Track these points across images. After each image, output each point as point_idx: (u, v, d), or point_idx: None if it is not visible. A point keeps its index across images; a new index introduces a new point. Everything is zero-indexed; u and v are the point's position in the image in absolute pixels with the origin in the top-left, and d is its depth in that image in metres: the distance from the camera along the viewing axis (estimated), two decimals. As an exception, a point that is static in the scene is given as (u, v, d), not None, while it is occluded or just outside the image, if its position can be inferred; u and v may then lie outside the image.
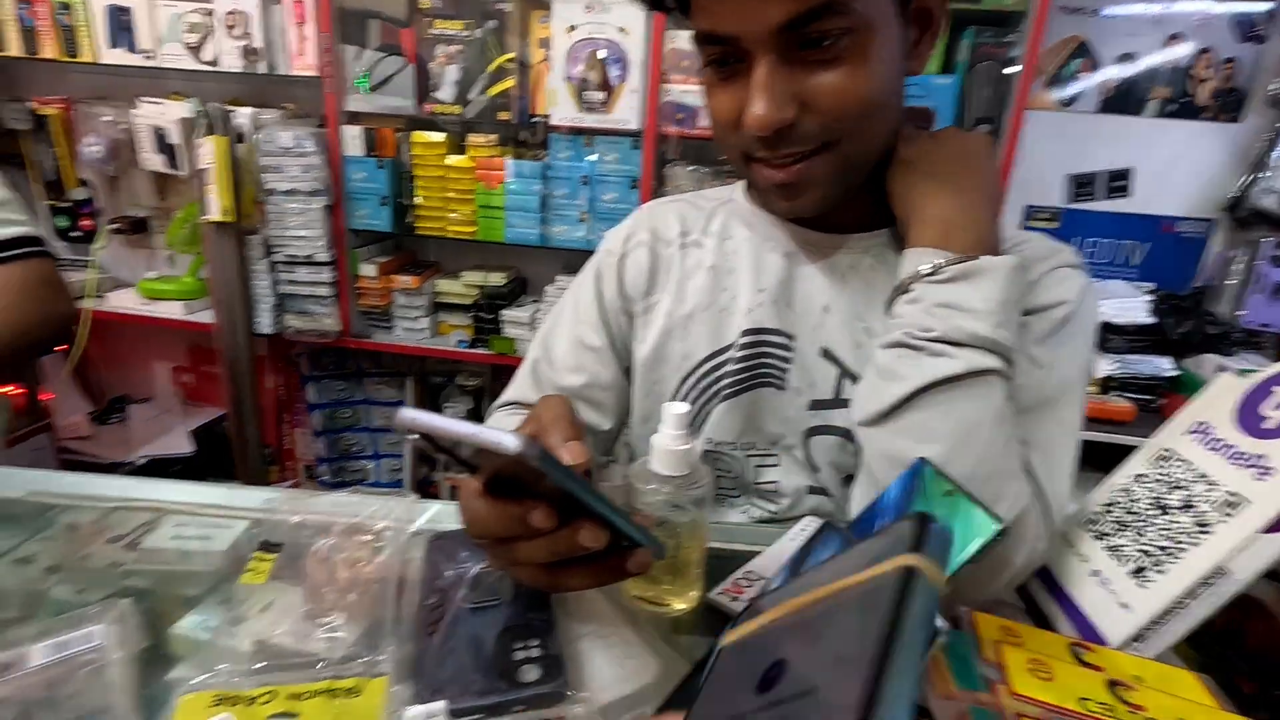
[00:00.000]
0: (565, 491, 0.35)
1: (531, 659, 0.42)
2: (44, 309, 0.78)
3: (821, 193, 0.57)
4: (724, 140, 0.59)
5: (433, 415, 0.32)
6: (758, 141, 0.55)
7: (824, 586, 0.26)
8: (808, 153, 0.55)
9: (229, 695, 0.40)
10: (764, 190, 0.60)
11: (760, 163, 0.57)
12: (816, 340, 0.64)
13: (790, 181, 0.56)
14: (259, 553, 0.52)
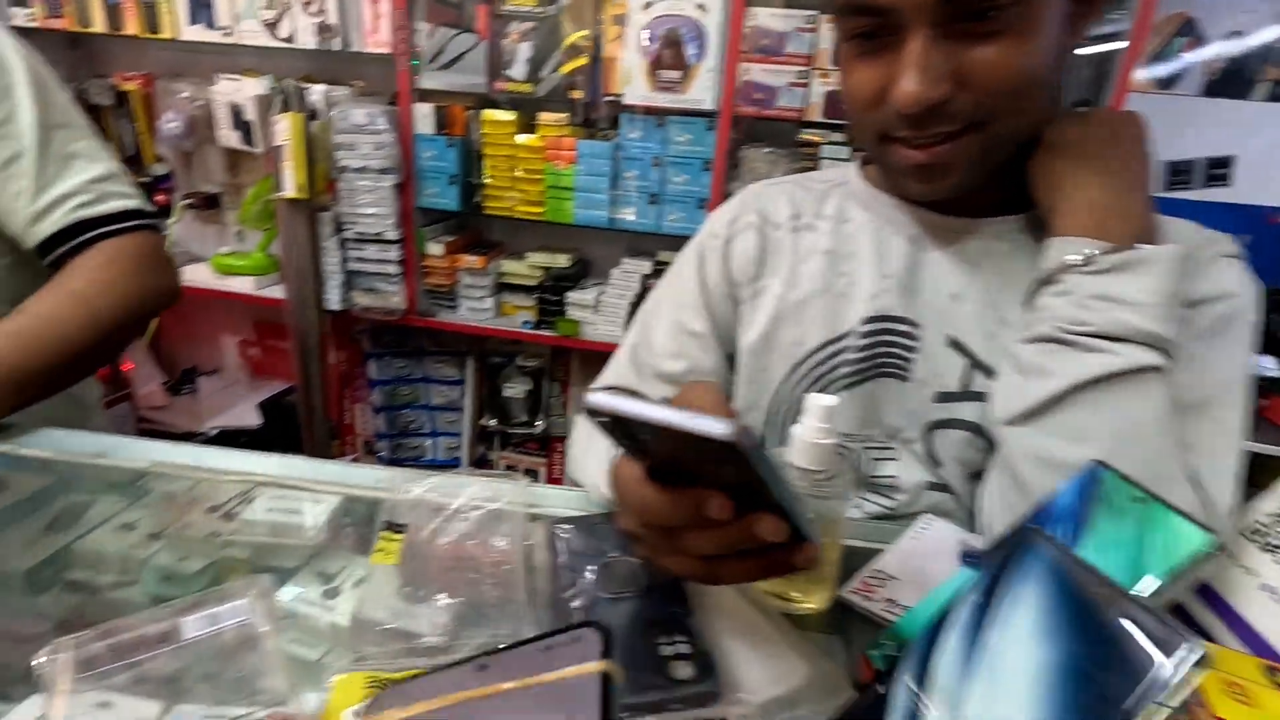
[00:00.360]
0: (741, 481, 0.33)
1: (681, 655, 0.41)
2: (153, 282, 0.79)
3: (963, 176, 0.54)
4: (860, 118, 0.56)
5: (626, 399, 0.31)
6: (902, 120, 0.52)
7: (512, 680, 0.28)
8: (954, 133, 0.52)
9: (383, 678, 0.39)
10: (898, 172, 0.57)
11: (899, 143, 0.54)
12: (943, 329, 0.61)
13: (932, 163, 0.53)
14: (386, 532, 0.51)
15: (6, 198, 0.73)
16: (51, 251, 0.75)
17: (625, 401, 0.30)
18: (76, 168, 0.76)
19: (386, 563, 0.49)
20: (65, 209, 0.74)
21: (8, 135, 0.72)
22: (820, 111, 1.50)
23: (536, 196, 1.69)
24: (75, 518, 0.58)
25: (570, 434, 0.76)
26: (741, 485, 0.34)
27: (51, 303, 0.70)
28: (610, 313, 1.78)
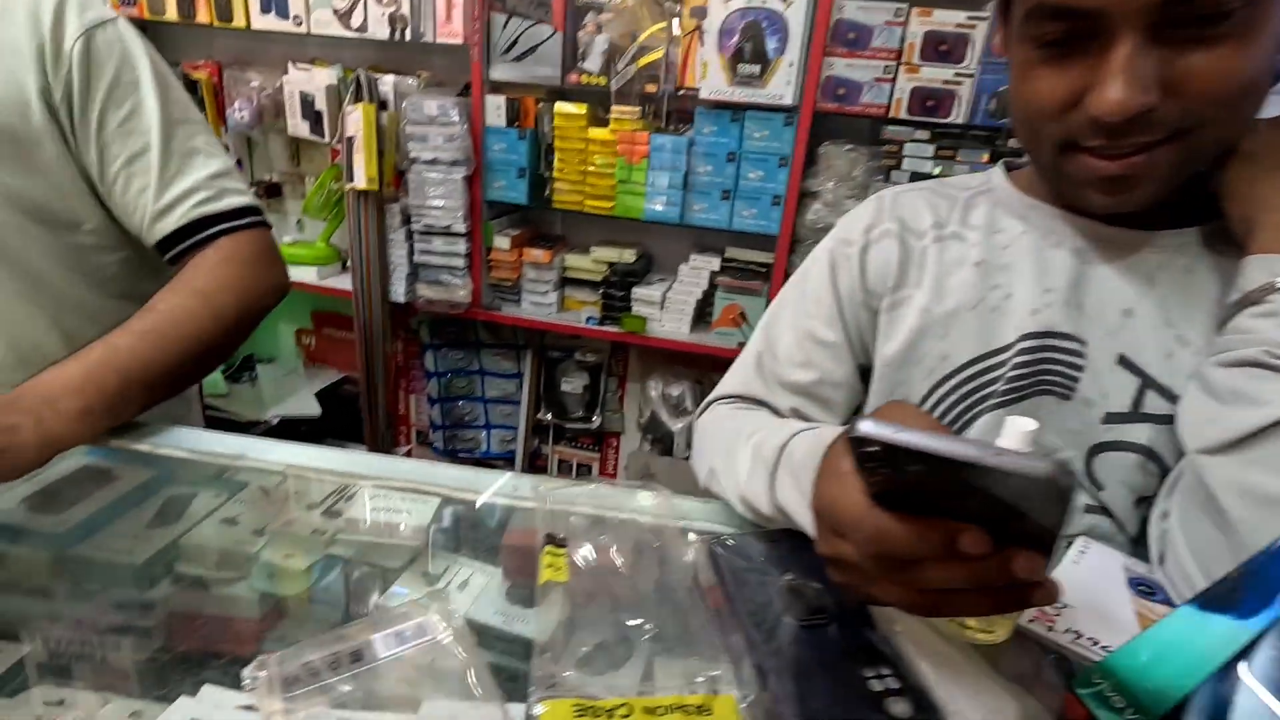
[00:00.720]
0: (997, 513, 0.31)
1: (893, 691, 0.39)
2: (269, 279, 0.78)
3: (1156, 188, 0.51)
4: (1039, 125, 0.53)
5: (904, 430, 0.29)
6: (1097, 129, 0.49)
7: None
8: (1153, 143, 0.49)
9: (589, 705, 0.38)
10: (1080, 183, 0.54)
11: (1088, 152, 0.51)
12: (1113, 347, 0.58)
13: (1124, 175, 0.50)
14: (550, 547, 0.50)
15: (131, 194, 0.73)
16: (172, 248, 0.74)
17: (900, 433, 0.28)
18: (197, 163, 0.75)
19: (557, 580, 0.48)
20: (187, 205, 0.74)
21: (134, 130, 0.72)
22: (905, 109, 1.46)
23: (606, 191, 1.67)
24: (178, 512, 0.58)
25: (695, 438, 0.74)
26: (995, 517, 0.32)
27: (178, 301, 0.70)
28: (676, 310, 1.76)
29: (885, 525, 0.35)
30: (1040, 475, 0.27)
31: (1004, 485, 0.29)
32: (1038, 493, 0.28)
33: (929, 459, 0.29)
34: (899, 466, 0.31)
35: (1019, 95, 0.54)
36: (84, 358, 0.62)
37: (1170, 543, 0.53)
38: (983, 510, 0.32)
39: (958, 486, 0.31)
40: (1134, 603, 0.51)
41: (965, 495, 0.31)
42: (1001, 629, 0.47)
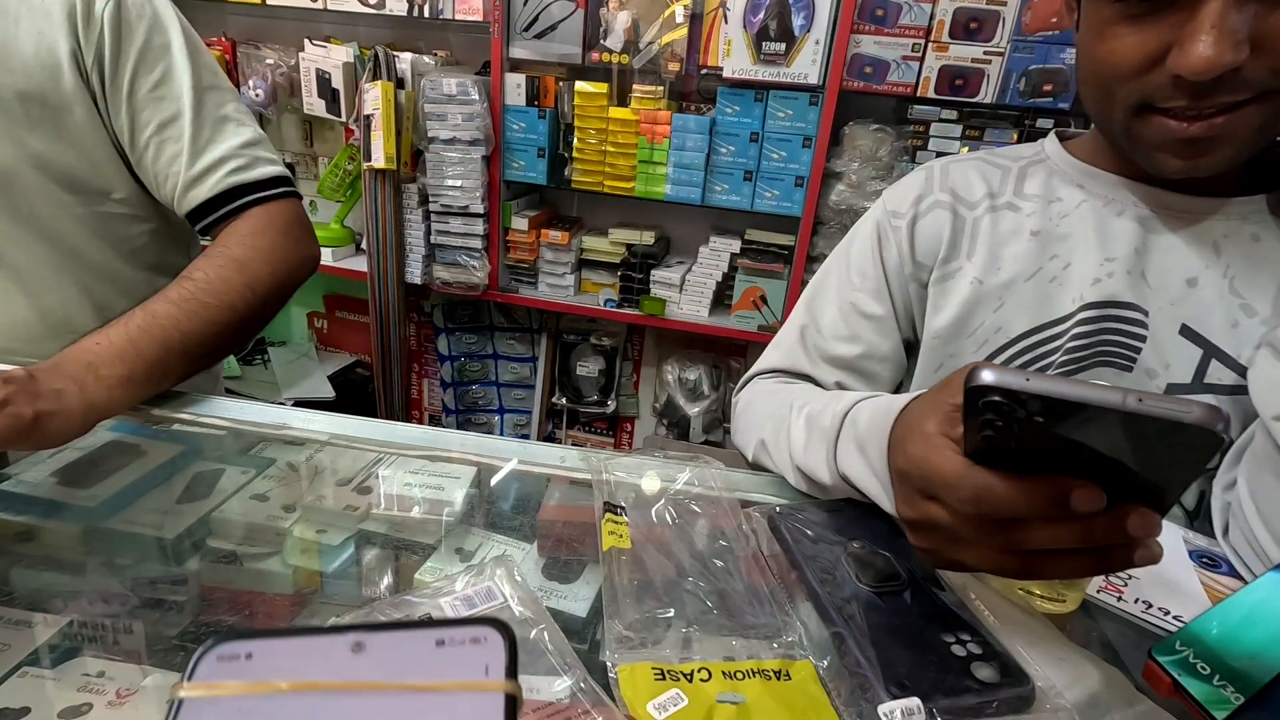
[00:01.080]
0: (1112, 468, 0.30)
1: (977, 655, 0.38)
2: (302, 250, 0.77)
3: (1234, 151, 0.50)
4: (1114, 86, 0.51)
5: (1032, 376, 0.28)
6: (1180, 88, 0.47)
7: (392, 675, 0.22)
8: (1238, 103, 0.47)
9: (668, 669, 0.37)
10: (1155, 146, 0.52)
11: (1165, 114, 0.50)
12: (1177, 316, 0.57)
13: (1205, 136, 0.49)
14: (610, 515, 0.49)
15: (163, 161, 0.72)
16: (204, 217, 0.73)
17: (1046, 382, 0.27)
18: (229, 131, 0.74)
19: (621, 546, 0.47)
20: (220, 174, 0.72)
21: (165, 96, 0.71)
22: (932, 88, 1.45)
23: (626, 171, 1.65)
24: (208, 487, 0.57)
25: (737, 412, 0.73)
26: (1105, 471, 0.31)
27: (215, 270, 0.68)
28: (696, 292, 1.75)
29: (989, 483, 0.34)
30: (1191, 420, 0.25)
31: (1144, 435, 0.27)
32: (1184, 441, 0.26)
33: (1060, 405, 0.27)
34: (1019, 418, 0.29)
35: (1092, 55, 0.52)
36: (125, 324, 0.61)
37: (1237, 513, 0.52)
38: (1093, 465, 0.31)
39: (1079, 441, 0.29)
40: (1199, 574, 0.50)
41: (1076, 449, 0.30)
42: (1071, 598, 0.46)
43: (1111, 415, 0.26)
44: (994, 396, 0.28)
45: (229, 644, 0.22)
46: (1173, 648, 0.40)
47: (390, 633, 0.23)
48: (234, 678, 0.22)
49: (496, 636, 0.22)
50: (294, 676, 0.22)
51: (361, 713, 0.21)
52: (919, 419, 0.40)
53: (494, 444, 0.61)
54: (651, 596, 0.43)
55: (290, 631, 0.23)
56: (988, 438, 0.32)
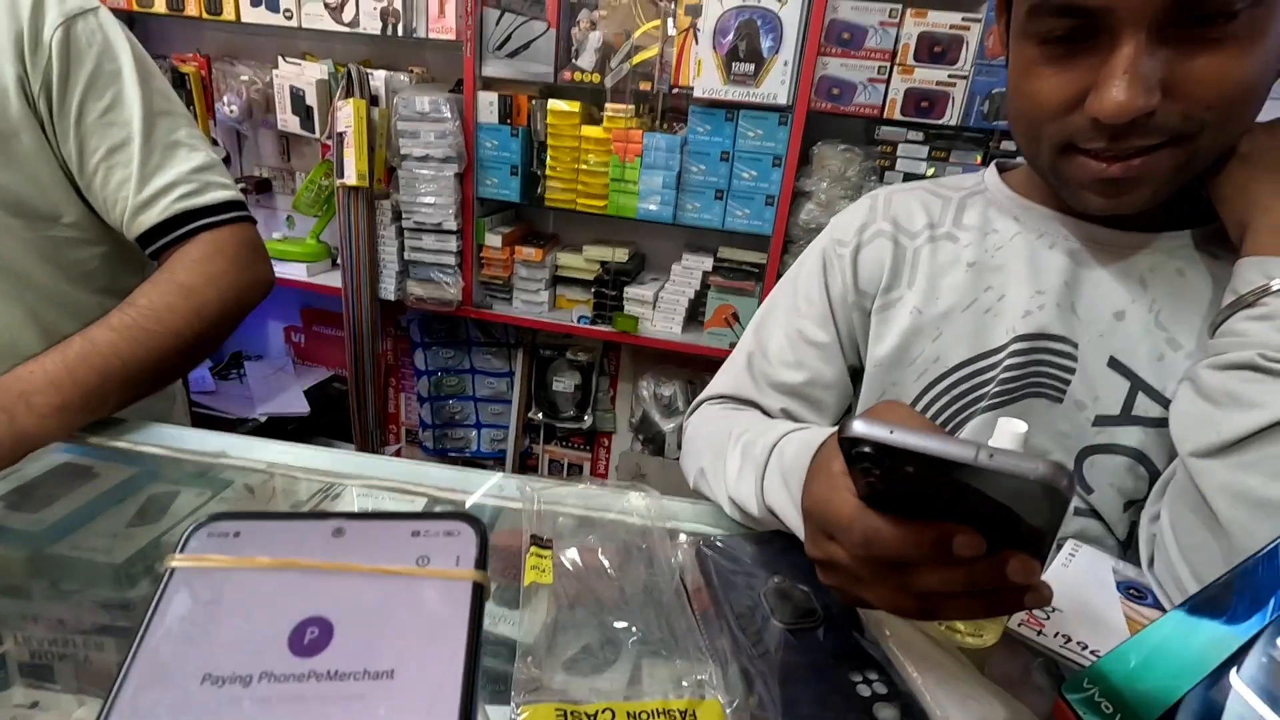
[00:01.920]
0: (988, 514, 0.31)
1: (880, 696, 0.39)
2: (252, 275, 0.77)
3: (1153, 190, 0.51)
4: (1039, 126, 0.52)
5: (897, 429, 0.28)
6: (1098, 131, 0.48)
7: (369, 559, 0.24)
8: (1153, 146, 0.48)
9: (571, 709, 0.37)
10: (1077, 184, 0.53)
11: (1087, 154, 0.51)
12: (1105, 349, 0.58)
13: (1123, 177, 0.50)
14: (535, 549, 0.49)
15: (111, 187, 0.72)
16: (153, 242, 0.73)
17: (909, 435, 0.28)
18: (180, 156, 0.74)
19: (542, 582, 0.47)
20: (169, 199, 0.72)
21: (114, 122, 0.71)
22: (899, 109, 1.46)
23: (599, 189, 1.66)
24: (160, 510, 0.57)
25: (685, 438, 0.73)
26: (989, 519, 0.31)
27: (159, 296, 0.68)
28: (669, 310, 1.75)
29: (876, 527, 0.34)
30: (1035, 477, 0.26)
31: (998, 487, 0.28)
32: (1032, 495, 0.27)
33: (922, 459, 0.28)
34: (891, 467, 0.30)
35: (1018, 94, 0.53)
36: (61, 352, 0.61)
37: (1160, 545, 0.52)
38: (976, 512, 0.31)
39: (951, 488, 0.30)
40: (1123, 606, 0.50)
41: (958, 497, 0.31)
42: (990, 633, 0.46)
43: (968, 468, 0.27)
44: (864, 448, 0.29)
45: (219, 523, 0.24)
46: (1080, 685, 0.41)
47: (370, 521, 0.24)
48: (222, 552, 0.24)
49: (469, 530, 0.24)
50: (277, 554, 0.23)
51: (338, 590, 0.22)
52: (826, 458, 0.40)
53: (430, 472, 0.61)
54: (566, 634, 0.43)
55: (277, 515, 0.25)
56: (871, 483, 0.33)
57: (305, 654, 0.21)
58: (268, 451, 0.62)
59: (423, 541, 0.24)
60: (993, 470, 0.26)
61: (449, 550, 0.24)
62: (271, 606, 0.22)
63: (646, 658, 0.42)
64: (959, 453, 0.27)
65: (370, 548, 0.24)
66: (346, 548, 0.24)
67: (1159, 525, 0.53)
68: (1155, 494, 0.55)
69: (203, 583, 0.23)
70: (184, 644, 0.22)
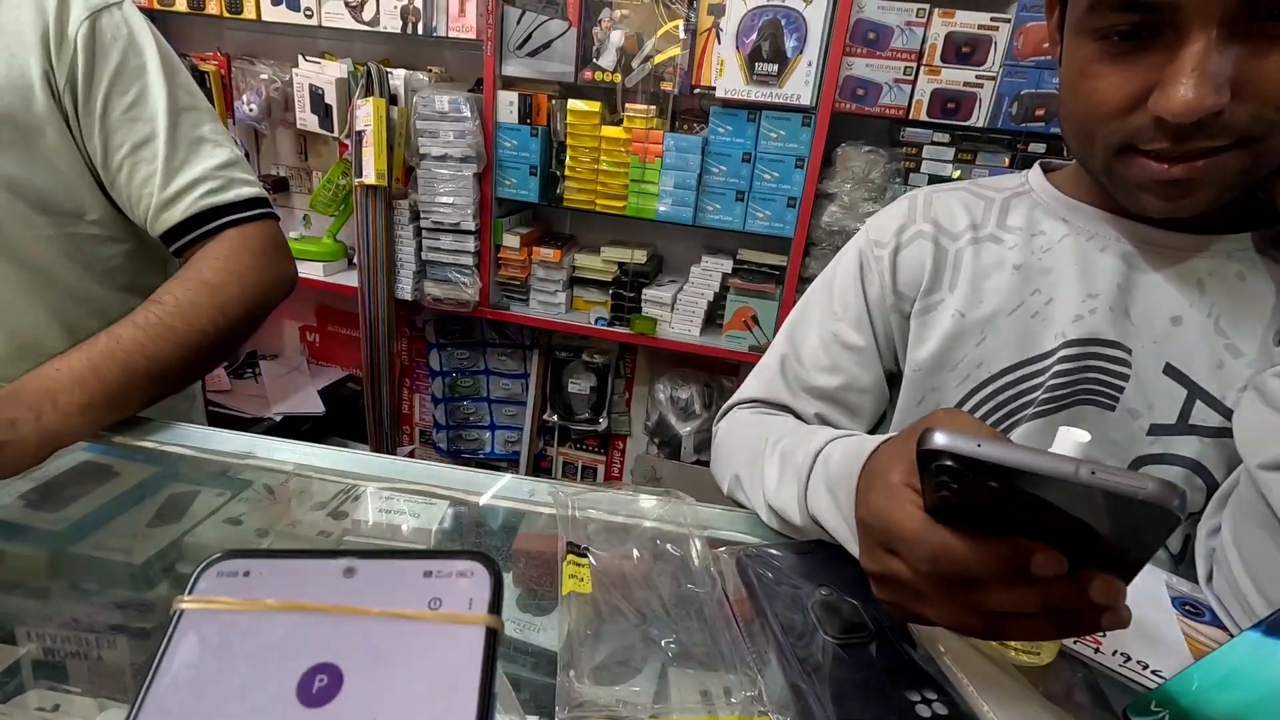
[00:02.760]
0: (1072, 531, 0.29)
1: (942, 716, 0.37)
2: (276, 272, 0.76)
3: (1216, 193, 0.49)
4: (1096, 126, 0.50)
5: (984, 442, 0.27)
6: (1161, 131, 0.46)
7: (381, 602, 0.23)
8: (1219, 147, 0.46)
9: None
10: (1136, 186, 0.51)
11: (1147, 155, 0.49)
12: (1160, 356, 0.56)
13: (1187, 178, 0.48)
14: (572, 556, 0.48)
15: (136, 183, 0.71)
16: (177, 239, 0.72)
17: (998, 448, 0.26)
18: (204, 153, 0.73)
19: (581, 591, 0.45)
20: (194, 196, 0.71)
21: (139, 117, 0.70)
22: (925, 111, 1.44)
23: (618, 190, 1.65)
24: (180, 510, 0.56)
25: (716, 443, 0.71)
26: (1070, 535, 0.30)
27: (184, 294, 0.67)
28: (687, 312, 1.74)
29: (948, 543, 0.32)
30: (1144, 496, 0.24)
31: (1092, 504, 0.26)
32: (1133, 514, 0.25)
33: (1011, 474, 0.26)
34: (973, 482, 0.28)
35: (1075, 94, 0.51)
36: (87, 350, 0.60)
37: (1221, 560, 0.50)
38: (1053, 527, 0.29)
39: (1032, 503, 0.28)
40: (1180, 624, 0.48)
41: (1037, 512, 0.29)
42: (1047, 651, 0.44)
43: (1064, 484, 0.25)
44: (945, 460, 0.27)
45: (229, 561, 0.24)
46: (1147, 708, 0.39)
47: (381, 560, 0.24)
48: (231, 594, 0.23)
49: (483, 571, 0.23)
50: (287, 596, 0.23)
51: (348, 634, 0.22)
52: (884, 467, 0.39)
53: (461, 476, 0.60)
54: (609, 646, 0.41)
55: (288, 553, 0.24)
56: (945, 497, 0.31)
57: (314, 704, 0.21)
58: (292, 452, 0.61)
59: (435, 583, 0.23)
60: (1099, 489, 0.25)
61: (462, 592, 0.23)
62: (280, 652, 0.22)
63: (692, 671, 0.40)
64: (1059, 469, 0.25)
65: (381, 589, 0.23)
66: (357, 589, 0.23)
67: (1219, 539, 0.51)
68: (1214, 507, 0.53)
69: (211, 626, 0.22)
70: (191, 693, 0.21)
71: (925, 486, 0.32)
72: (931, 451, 0.27)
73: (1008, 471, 0.26)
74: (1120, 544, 0.28)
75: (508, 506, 0.57)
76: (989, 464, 0.26)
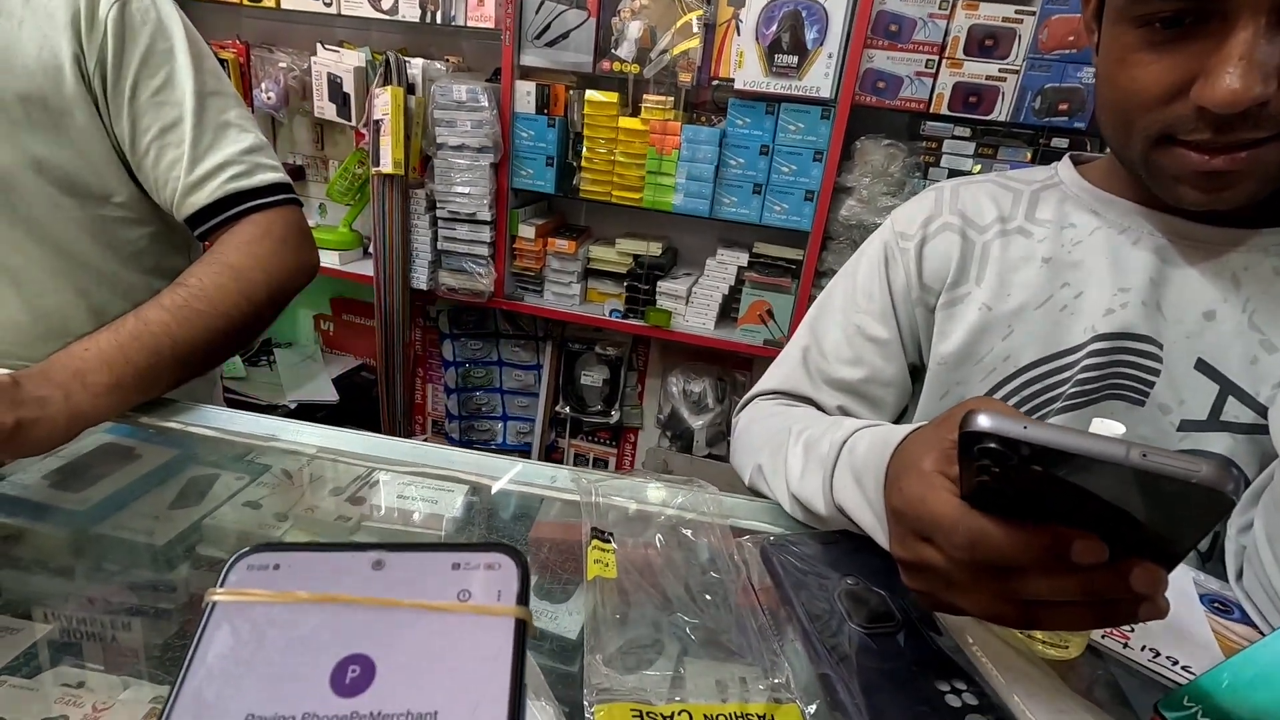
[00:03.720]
0: (1114, 518, 0.28)
1: (972, 707, 0.37)
2: (300, 258, 0.76)
3: (1256, 187, 0.48)
4: (1134, 115, 0.49)
5: (1030, 424, 0.26)
6: (1203, 121, 0.45)
7: (410, 594, 0.23)
8: (1261, 139, 0.45)
9: (646, 710, 0.36)
10: (1174, 177, 0.50)
11: (1188, 146, 0.48)
12: (1192, 350, 0.55)
13: (1228, 170, 0.47)
14: (598, 542, 0.48)
15: (163, 166, 0.71)
16: (202, 223, 0.73)
17: (1045, 431, 0.26)
18: (230, 137, 0.73)
19: (606, 576, 0.45)
20: (219, 180, 0.72)
21: (167, 101, 0.70)
22: (946, 104, 1.43)
23: (635, 182, 1.64)
24: (201, 493, 0.56)
25: (736, 434, 0.71)
26: (1110, 521, 0.29)
27: (210, 277, 0.68)
28: (702, 304, 1.73)
29: (985, 529, 0.32)
30: (1198, 480, 0.23)
31: (1146, 490, 0.26)
32: (1189, 500, 0.25)
33: (1057, 457, 0.26)
34: (1016, 466, 0.28)
35: (1112, 82, 0.50)
36: (115, 331, 0.60)
37: (1253, 558, 0.50)
38: (1098, 515, 0.29)
39: (1074, 489, 0.28)
40: (1210, 620, 0.48)
41: (1078, 498, 0.28)
42: (1075, 645, 0.44)
43: (1113, 468, 0.25)
44: (989, 443, 0.27)
45: (259, 554, 0.24)
46: (1180, 703, 0.38)
47: (409, 553, 0.24)
48: (262, 586, 0.23)
49: (510, 564, 0.23)
50: (318, 588, 0.23)
51: (379, 626, 0.22)
52: (916, 455, 0.38)
53: (482, 461, 0.60)
54: (635, 631, 0.41)
55: (316, 546, 0.25)
56: (984, 482, 0.30)
57: (348, 693, 0.21)
58: (315, 435, 0.62)
59: (463, 575, 0.24)
60: (1145, 470, 0.24)
61: (490, 584, 0.23)
62: (313, 644, 0.22)
63: (720, 659, 0.40)
64: (1109, 451, 0.24)
65: (410, 581, 0.23)
66: (387, 581, 0.23)
67: (1250, 537, 0.50)
68: (1245, 504, 0.52)
69: (244, 618, 0.23)
70: (227, 683, 0.21)
71: (964, 471, 0.31)
72: (975, 434, 0.27)
73: (1054, 455, 0.26)
74: (1163, 531, 0.28)
75: (526, 492, 0.57)
76: (1035, 446, 0.26)
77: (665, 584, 0.45)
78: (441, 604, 0.23)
